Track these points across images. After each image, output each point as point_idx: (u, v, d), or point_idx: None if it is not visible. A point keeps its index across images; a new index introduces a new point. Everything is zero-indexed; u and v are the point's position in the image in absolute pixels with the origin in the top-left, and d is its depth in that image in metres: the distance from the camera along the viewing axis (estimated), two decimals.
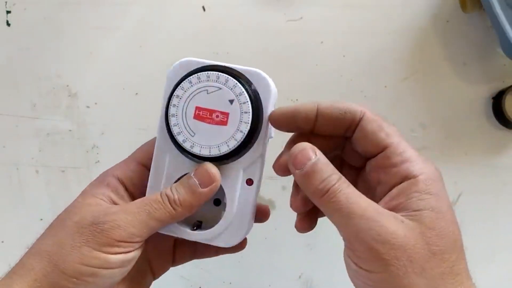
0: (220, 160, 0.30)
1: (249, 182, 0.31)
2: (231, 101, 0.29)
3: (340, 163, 0.33)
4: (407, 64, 0.51)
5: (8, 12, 0.52)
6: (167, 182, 0.31)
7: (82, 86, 0.51)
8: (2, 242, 0.49)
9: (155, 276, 0.36)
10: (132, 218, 0.29)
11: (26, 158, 0.50)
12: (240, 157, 0.30)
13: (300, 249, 0.48)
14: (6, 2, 0.52)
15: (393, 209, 0.26)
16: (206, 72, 0.29)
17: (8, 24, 0.52)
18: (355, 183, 0.30)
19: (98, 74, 0.51)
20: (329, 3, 0.52)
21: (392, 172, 0.27)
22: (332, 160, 0.29)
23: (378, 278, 0.25)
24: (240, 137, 0.29)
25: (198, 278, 0.49)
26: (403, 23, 0.52)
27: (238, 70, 0.30)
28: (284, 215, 0.33)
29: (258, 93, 0.30)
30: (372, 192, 0.29)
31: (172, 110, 0.30)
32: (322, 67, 0.51)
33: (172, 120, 0.30)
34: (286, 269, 0.48)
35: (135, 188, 0.32)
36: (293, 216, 0.31)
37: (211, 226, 0.31)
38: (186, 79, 0.30)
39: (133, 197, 0.32)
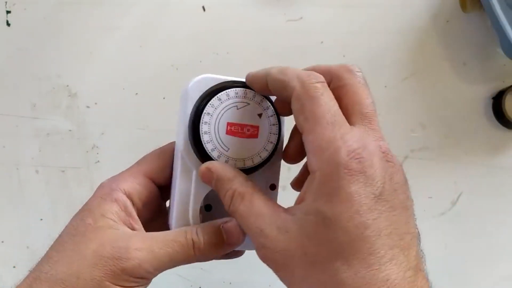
0: (253, 171, 0.31)
1: (272, 187, 0.33)
2: (260, 115, 0.31)
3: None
4: (407, 64, 0.51)
5: (8, 12, 0.52)
6: (194, 203, 0.31)
7: (82, 86, 0.51)
8: (2, 242, 0.49)
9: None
10: (153, 258, 0.28)
11: (26, 158, 0.50)
12: (265, 165, 0.31)
13: None
14: (6, 2, 0.52)
15: (300, 201, 0.26)
16: (234, 89, 0.30)
17: (8, 24, 0.52)
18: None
19: (98, 74, 0.51)
20: (329, 3, 0.52)
21: (307, 157, 0.26)
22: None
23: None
24: (271, 147, 0.31)
25: (198, 278, 0.49)
26: (403, 23, 0.52)
27: None
28: None
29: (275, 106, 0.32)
30: None
31: (204, 127, 0.30)
32: None
33: (205, 138, 0.30)
34: None
35: (142, 204, 0.31)
36: None
37: None
38: (215, 97, 0.30)
39: (139, 213, 0.31)
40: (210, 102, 0.30)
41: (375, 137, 0.26)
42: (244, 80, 0.31)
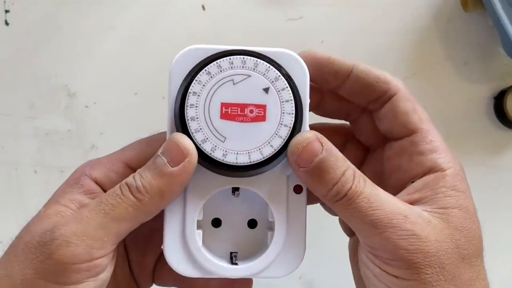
0: (262, 166, 0.24)
1: (298, 189, 0.25)
2: (266, 90, 0.24)
3: (345, 135, 0.29)
4: (408, 63, 0.51)
5: (6, 11, 0.52)
6: (190, 211, 0.25)
7: (81, 86, 0.51)
8: (1, 242, 0.49)
9: None
10: (85, 226, 0.22)
11: (24, 158, 0.50)
12: (283, 159, 0.24)
13: None
14: (5, 2, 0.52)
15: (416, 202, 0.24)
16: (228, 58, 0.24)
17: (7, 24, 0.52)
18: (360, 164, 0.28)
19: (97, 74, 0.51)
20: (330, 2, 0.52)
21: (418, 160, 0.25)
22: (337, 130, 0.27)
23: (406, 284, 0.22)
24: (285, 133, 0.24)
25: None
26: (404, 22, 0.51)
27: (262, 53, 0.24)
28: None
29: (291, 77, 0.25)
30: (383, 177, 0.27)
31: (190, 112, 0.24)
32: None
33: (193, 125, 0.24)
34: None
35: None
36: None
37: (250, 255, 0.26)
38: (203, 70, 0.24)
39: None
40: (196, 78, 0.24)
41: None
42: (244, 48, 0.24)
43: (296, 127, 0.24)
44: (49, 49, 0.51)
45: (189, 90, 0.24)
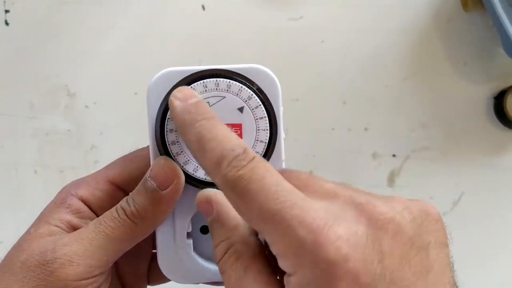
0: None
1: None
2: (241, 109, 0.25)
3: None
4: (407, 63, 0.51)
5: (6, 11, 0.52)
6: (179, 226, 0.26)
7: (81, 86, 0.51)
8: (1, 242, 0.49)
9: None
10: (86, 247, 0.23)
11: (24, 158, 0.50)
12: None
13: None
14: (5, 2, 0.52)
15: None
16: (202, 82, 0.25)
17: (7, 24, 0.51)
18: None
19: (97, 74, 0.51)
20: (330, 2, 0.52)
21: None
22: None
23: None
24: (261, 148, 0.25)
25: None
26: (403, 22, 0.51)
27: (234, 71, 0.26)
28: None
29: (264, 92, 0.26)
30: None
31: (170, 137, 0.25)
32: (322, 67, 0.51)
33: (174, 149, 0.25)
34: None
35: (103, 211, 0.26)
36: None
37: None
38: None
39: None
40: None
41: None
42: (218, 67, 0.25)
43: (271, 142, 0.26)
44: (49, 49, 0.51)
45: (167, 116, 0.25)
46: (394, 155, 0.50)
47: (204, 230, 0.28)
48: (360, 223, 0.19)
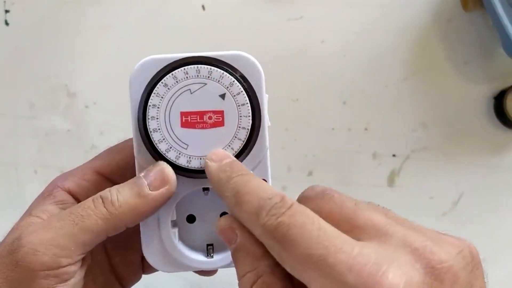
0: None
1: None
2: (223, 96, 0.25)
3: None
4: (408, 63, 0.51)
5: (6, 11, 0.52)
6: (163, 217, 0.26)
7: (81, 86, 0.51)
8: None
9: (126, 287, 0.30)
10: (52, 234, 0.22)
11: (24, 158, 0.50)
12: (245, 157, 0.26)
13: None
14: (5, 2, 0.52)
15: None
16: (183, 68, 0.25)
17: (7, 24, 0.52)
18: None
19: (97, 74, 0.51)
20: (330, 2, 0.52)
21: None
22: None
23: None
24: (244, 135, 0.25)
25: (198, 278, 0.49)
26: (404, 22, 0.51)
27: (217, 58, 0.26)
28: None
29: (247, 79, 0.26)
30: None
31: (152, 124, 0.25)
32: (322, 66, 0.51)
33: (156, 136, 0.25)
34: None
35: None
36: None
37: (226, 245, 0.27)
38: (160, 82, 0.25)
39: None
40: (154, 91, 0.25)
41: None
42: (200, 54, 0.25)
43: (255, 128, 0.26)
44: (49, 49, 0.51)
45: (149, 103, 0.25)
46: (394, 155, 0.50)
47: (191, 219, 0.28)
48: (416, 270, 0.18)
